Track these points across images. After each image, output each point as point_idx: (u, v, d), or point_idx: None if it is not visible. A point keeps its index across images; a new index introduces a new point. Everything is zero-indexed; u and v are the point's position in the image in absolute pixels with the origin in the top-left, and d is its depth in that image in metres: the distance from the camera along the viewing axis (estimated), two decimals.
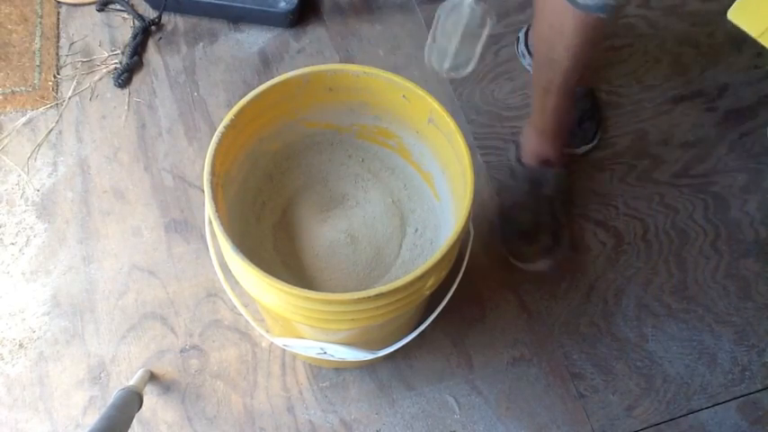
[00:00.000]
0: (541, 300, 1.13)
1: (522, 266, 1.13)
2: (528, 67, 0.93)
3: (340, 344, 0.79)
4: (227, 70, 1.30)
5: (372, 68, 0.75)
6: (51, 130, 1.23)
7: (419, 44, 1.34)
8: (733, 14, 0.54)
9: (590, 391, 1.07)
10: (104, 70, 1.29)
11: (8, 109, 1.24)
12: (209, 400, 1.03)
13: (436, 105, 0.74)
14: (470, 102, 1.30)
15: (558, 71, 0.88)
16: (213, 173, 0.69)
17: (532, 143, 1.10)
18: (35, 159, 1.20)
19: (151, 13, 1.34)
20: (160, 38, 1.34)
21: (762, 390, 1.08)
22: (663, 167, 1.25)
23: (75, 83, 1.28)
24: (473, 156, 0.75)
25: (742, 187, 1.24)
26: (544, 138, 1.07)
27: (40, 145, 1.21)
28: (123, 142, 1.22)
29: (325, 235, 0.83)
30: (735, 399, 1.07)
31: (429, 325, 0.81)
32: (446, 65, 0.59)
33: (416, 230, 0.85)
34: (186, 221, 1.16)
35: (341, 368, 1.06)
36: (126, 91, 1.28)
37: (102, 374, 1.04)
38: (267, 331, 0.86)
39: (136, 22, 1.33)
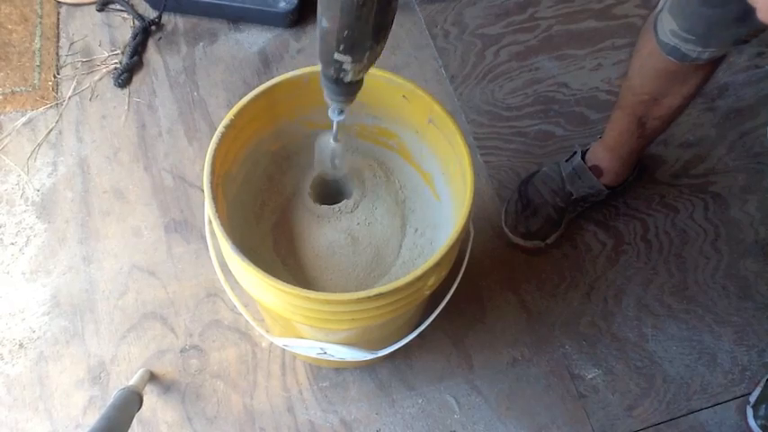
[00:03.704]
0: (541, 300, 1.13)
1: (510, 236, 1.15)
2: None
3: (340, 344, 0.79)
4: (227, 70, 1.30)
5: (372, 68, 0.75)
6: (51, 130, 1.23)
7: (419, 44, 1.35)
8: None
9: (590, 391, 1.07)
10: (104, 70, 1.29)
11: (8, 109, 1.24)
12: (209, 400, 1.03)
13: (436, 105, 0.74)
14: (470, 102, 1.30)
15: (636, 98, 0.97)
16: (213, 173, 0.69)
17: (593, 147, 1.14)
18: (35, 159, 1.20)
19: (151, 13, 1.34)
20: (160, 38, 1.34)
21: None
22: (663, 167, 1.25)
23: (75, 83, 1.28)
24: (473, 156, 0.75)
25: (742, 187, 1.24)
26: (603, 147, 1.11)
27: (40, 145, 1.21)
28: (123, 142, 1.22)
29: (326, 235, 0.83)
30: (735, 399, 1.07)
31: (429, 325, 0.81)
32: (332, 165, 0.77)
33: (416, 230, 0.85)
34: (186, 221, 1.16)
35: (341, 368, 1.06)
36: (126, 91, 1.27)
37: (102, 374, 1.04)
38: (267, 331, 0.86)
39: (136, 22, 1.33)
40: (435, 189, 0.84)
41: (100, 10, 1.35)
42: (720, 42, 0.80)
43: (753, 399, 1.06)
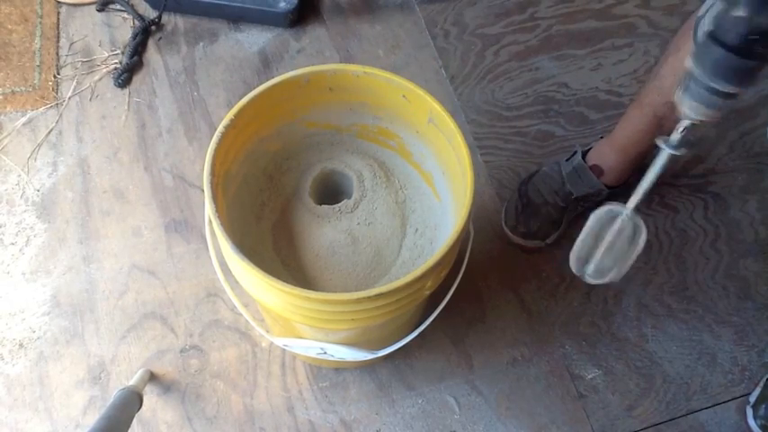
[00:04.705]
0: (541, 300, 1.13)
1: (510, 236, 1.15)
2: None
3: (340, 344, 0.79)
4: (227, 70, 1.30)
5: (372, 68, 0.75)
6: (51, 130, 1.23)
7: (419, 44, 1.35)
8: None
9: (590, 391, 1.07)
10: (104, 70, 1.29)
11: (8, 109, 1.24)
12: (209, 400, 1.03)
13: (436, 105, 0.74)
14: (470, 102, 1.30)
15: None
16: (213, 173, 0.69)
17: (598, 146, 1.13)
18: (35, 159, 1.20)
19: (151, 13, 1.34)
20: (160, 38, 1.34)
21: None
22: None
23: (75, 83, 1.28)
24: (473, 156, 0.75)
25: (742, 187, 1.24)
26: (609, 145, 1.10)
27: (40, 145, 1.21)
28: (123, 142, 1.22)
29: (326, 235, 0.83)
30: (735, 399, 1.07)
31: (429, 325, 0.81)
32: (589, 269, 0.59)
33: (416, 230, 0.85)
34: (186, 221, 1.16)
35: (341, 368, 1.06)
36: (126, 91, 1.28)
37: (102, 374, 1.04)
38: (267, 331, 0.86)
39: (136, 22, 1.33)
40: (435, 189, 0.84)
41: (100, 10, 1.35)
42: None
43: (752, 399, 1.06)
